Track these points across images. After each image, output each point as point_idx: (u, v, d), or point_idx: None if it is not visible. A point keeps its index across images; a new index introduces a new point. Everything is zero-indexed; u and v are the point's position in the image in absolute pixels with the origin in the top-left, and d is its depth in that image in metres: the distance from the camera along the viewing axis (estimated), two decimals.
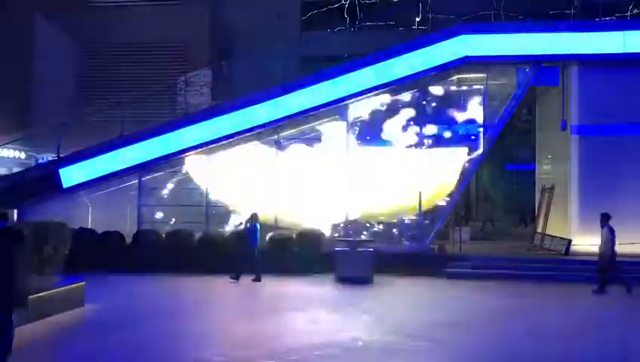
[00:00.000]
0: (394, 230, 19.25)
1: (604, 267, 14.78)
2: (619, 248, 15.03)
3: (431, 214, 19.14)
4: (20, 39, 26.21)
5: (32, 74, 26.74)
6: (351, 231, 18.56)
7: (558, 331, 11.21)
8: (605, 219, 14.95)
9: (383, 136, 19.36)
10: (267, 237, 17.92)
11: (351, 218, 19.01)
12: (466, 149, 18.97)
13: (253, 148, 19.64)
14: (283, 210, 19.26)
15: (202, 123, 19.25)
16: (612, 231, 14.76)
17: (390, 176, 19.03)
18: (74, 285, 12.46)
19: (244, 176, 19.34)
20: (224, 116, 19.18)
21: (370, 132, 19.46)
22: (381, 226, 19.39)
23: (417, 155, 19.05)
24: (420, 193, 18.67)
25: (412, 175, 19.00)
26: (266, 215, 18.36)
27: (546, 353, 9.58)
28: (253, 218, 16.85)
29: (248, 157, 19.51)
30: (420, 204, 18.72)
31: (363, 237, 18.56)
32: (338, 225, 19.16)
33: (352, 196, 18.97)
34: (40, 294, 11.26)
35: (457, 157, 18.92)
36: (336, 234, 18.74)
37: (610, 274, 14.76)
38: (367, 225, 19.27)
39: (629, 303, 14.10)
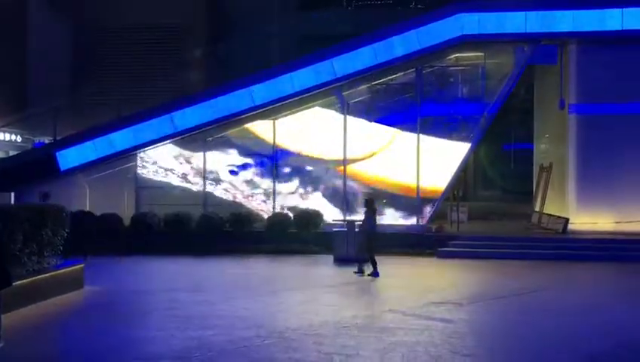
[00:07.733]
0: (392, 210, 19.24)
1: None
2: (617, 226, 15.07)
3: (428, 194, 19.10)
4: (15, 21, 25.96)
5: (28, 57, 26.53)
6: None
7: (548, 311, 11.27)
8: None
9: (380, 115, 19.29)
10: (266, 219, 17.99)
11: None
12: (463, 129, 18.89)
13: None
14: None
15: (200, 104, 19.17)
16: None
17: (388, 156, 19.04)
18: (72, 267, 12.50)
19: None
20: (223, 97, 19.09)
21: (367, 112, 19.38)
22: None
23: (414, 135, 18.98)
24: (418, 173, 18.67)
25: (409, 154, 18.98)
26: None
27: (537, 335, 9.63)
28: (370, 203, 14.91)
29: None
30: (417, 184, 18.74)
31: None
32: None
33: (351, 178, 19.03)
34: (39, 277, 11.30)
35: (455, 137, 18.86)
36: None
37: None
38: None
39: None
